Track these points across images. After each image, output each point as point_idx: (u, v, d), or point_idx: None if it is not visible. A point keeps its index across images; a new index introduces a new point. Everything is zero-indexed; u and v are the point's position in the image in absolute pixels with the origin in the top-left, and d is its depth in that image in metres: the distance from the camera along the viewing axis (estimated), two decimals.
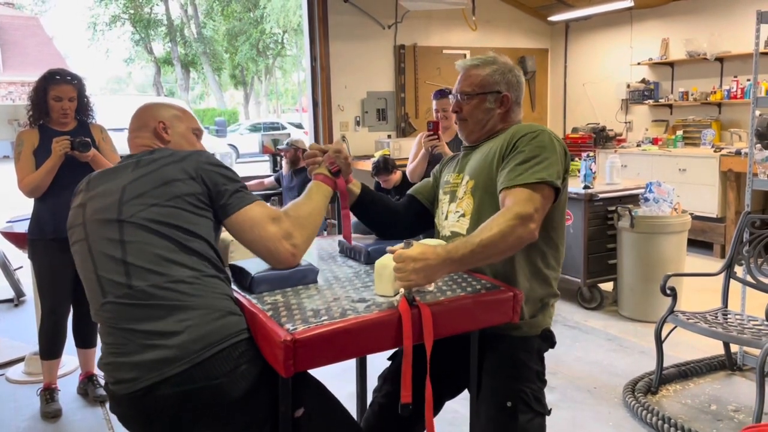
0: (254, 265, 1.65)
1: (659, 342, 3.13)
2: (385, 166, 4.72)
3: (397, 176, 4.79)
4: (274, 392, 1.45)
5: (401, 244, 1.48)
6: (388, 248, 1.52)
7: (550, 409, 1.80)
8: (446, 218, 1.89)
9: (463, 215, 1.82)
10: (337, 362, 1.40)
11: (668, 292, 3.12)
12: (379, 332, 1.43)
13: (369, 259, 1.83)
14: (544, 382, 1.82)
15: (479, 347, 1.73)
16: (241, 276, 1.66)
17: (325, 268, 1.84)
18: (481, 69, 1.85)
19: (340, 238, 2.03)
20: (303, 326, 1.35)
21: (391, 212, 2.01)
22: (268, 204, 1.63)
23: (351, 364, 2.21)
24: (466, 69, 1.88)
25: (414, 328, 1.44)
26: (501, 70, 1.85)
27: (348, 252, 1.97)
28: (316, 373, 1.55)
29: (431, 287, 1.59)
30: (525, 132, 1.74)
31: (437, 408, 1.96)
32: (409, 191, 2.08)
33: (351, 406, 2.04)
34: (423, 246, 1.48)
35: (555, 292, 1.84)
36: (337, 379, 2.89)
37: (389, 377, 1.97)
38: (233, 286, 1.64)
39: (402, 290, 1.47)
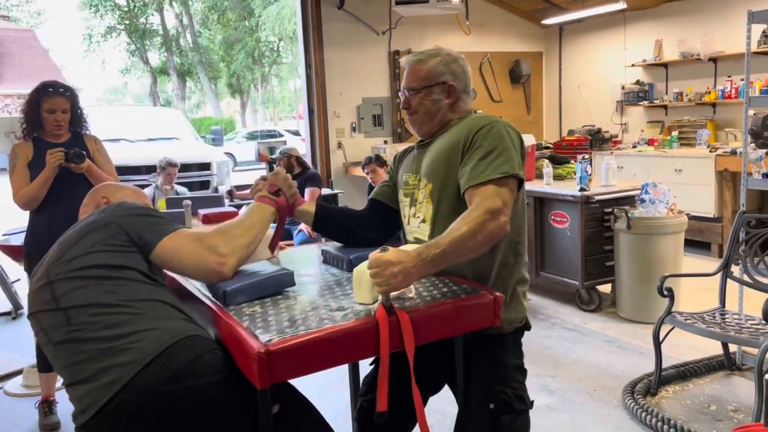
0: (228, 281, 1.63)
1: (657, 343, 3.13)
2: (377, 157, 5.12)
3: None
4: (241, 379, 1.42)
5: (378, 250, 1.45)
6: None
7: (533, 401, 1.79)
8: (408, 223, 1.89)
9: (424, 221, 1.82)
10: (316, 372, 1.38)
11: (665, 292, 3.12)
12: (356, 341, 1.40)
13: (351, 266, 1.81)
14: (524, 374, 1.81)
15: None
16: (216, 292, 1.63)
17: (306, 276, 1.83)
18: (424, 63, 1.85)
19: (324, 246, 2.04)
20: (278, 337, 1.33)
21: (350, 217, 2.03)
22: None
23: (345, 372, 2.20)
24: (410, 65, 1.88)
25: (393, 335, 1.41)
26: (445, 61, 1.85)
27: (331, 260, 1.95)
28: (310, 381, 1.55)
29: (412, 293, 1.56)
30: (480, 125, 1.74)
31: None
32: (371, 195, 2.08)
33: (346, 414, 2.04)
34: (398, 250, 1.45)
35: (527, 277, 1.85)
36: (333, 386, 2.90)
37: (373, 382, 1.94)
38: (210, 295, 1.64)
39: (380, 297, 1.44)
